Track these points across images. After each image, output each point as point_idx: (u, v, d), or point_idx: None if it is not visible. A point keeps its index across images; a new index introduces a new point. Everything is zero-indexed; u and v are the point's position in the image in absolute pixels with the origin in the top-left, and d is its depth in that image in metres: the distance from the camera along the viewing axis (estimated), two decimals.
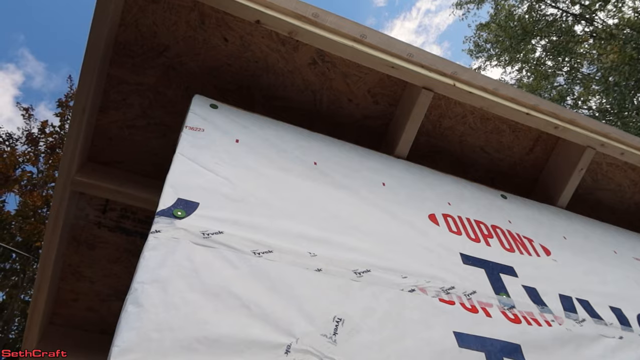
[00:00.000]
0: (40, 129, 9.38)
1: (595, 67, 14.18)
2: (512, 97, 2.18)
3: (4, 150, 8.69)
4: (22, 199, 8.33)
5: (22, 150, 8.97)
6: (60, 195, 2.00)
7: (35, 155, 9.07)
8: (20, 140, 9.07)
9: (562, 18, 15.47)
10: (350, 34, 1.97)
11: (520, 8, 16.06)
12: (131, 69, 2.02)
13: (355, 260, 1.43)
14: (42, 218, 8.53)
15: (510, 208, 2.14)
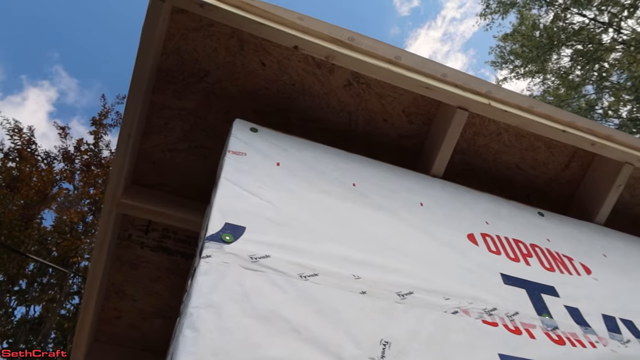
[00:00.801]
0: (76, 146, 9.71)
1: (625, 75, 13.91)
2: (548, 114, 2.18)
3: (43, 169, 9.01)
4: (59, 215, 8.61)
5: (59, 168, 9.32)
6: (107, 217, 2.07)
7: (71, 172, 9.38)
8: (57, 158, 9.42)
9: (589, 26, 15.25)
10: (385, 56, 2.01)
11: (544, 18, 15.91)
12: (173, 94, 2.10)
13: (398, 282, 1.45)
14: (78, 234, 8.79)
15: (548, 226, 2.13)
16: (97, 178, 9.43)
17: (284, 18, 1.91)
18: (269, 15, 1.90)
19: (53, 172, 9.15)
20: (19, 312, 8.60)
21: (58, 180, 9.21)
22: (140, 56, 1.86)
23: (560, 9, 15.59)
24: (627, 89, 12.69)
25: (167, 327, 2.53)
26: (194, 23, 1.97)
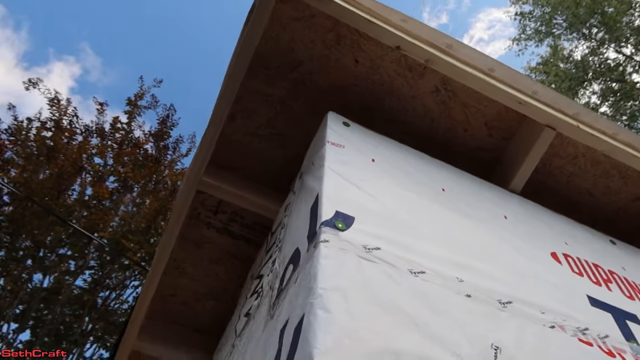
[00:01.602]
0: (112, 124, 9.82)
1: None
2: (630, 142, 2.17)
3: (80, 141, 9.11)
4: (93, 188, 8.69)
5: (94, 143, 9.40)
6: (187, 194, 2.10)
7: (105, 148, 9.47)
8: (94, 133, 9.52)
9: (624, 63, 15.17)
10: (479, 66, 2.01)
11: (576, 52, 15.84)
12: (264, 80, 2.12)
13: (497, 290, 1.45)
14: (106, 209, 8.87)
15: (621, 255, 2.12)
16: (126, 156, 9.52)
17: (387, 18, 1.93)
18: (374, 13, 1.91)
19: (90, 145, 9.25)
20: (36, 278, 8.70)
21: (93, 155, 9.30)
22: (246, 41, 1.89)
23: (597, 43, 15.53)
24: None
25: (219, 310, 2.54)
26: (296, 13, 1.99)
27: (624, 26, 14.81)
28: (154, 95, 10.78)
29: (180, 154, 10.98)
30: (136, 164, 9.70)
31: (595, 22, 15.29)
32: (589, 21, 15.26)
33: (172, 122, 10.91)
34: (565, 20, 15.87)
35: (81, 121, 9.45)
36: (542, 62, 16.48)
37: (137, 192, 9.74)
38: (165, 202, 9.52)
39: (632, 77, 14.87)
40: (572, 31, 15.90)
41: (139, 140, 10.17)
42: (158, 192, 9.85)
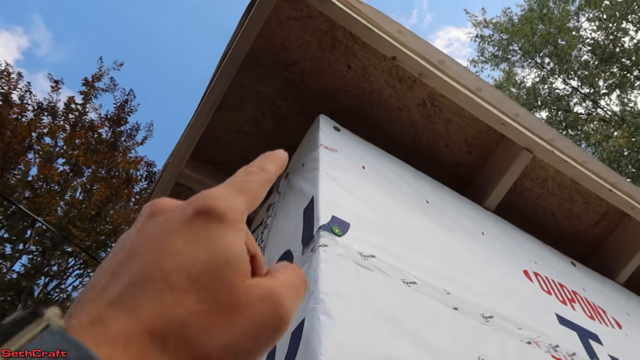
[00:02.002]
0: (66, 104, 9.31)
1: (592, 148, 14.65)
2: (597, 171, 2.30)
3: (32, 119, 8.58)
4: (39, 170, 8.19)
5: (46, 122, 8.88)
6: (166, 184, 2.03)
7: (57, 128, 8.97)
8: (46, 111, 8.98)
9: (571, 95, 16.04)
10: (468, 85, 2.07)
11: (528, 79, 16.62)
12: (255, 76, 2.09)
13: (480, 304, 1.49)
14: (54, 192, 8.37)
15: (581, 276, 2.23)
16: (78, 139, 9.06)
17: (385, 28, 1.95)
18: (372, 21, 1.93)
19: (41, 124, 8.74)
20: None
21: (44, 134, 8.78)
22: (242, 37, 1.86)
23: (548, 72, 16.36)
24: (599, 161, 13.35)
25: None
26: (294, 12, 1.97)
27: (573, 59, 15.68)
28: (112, 78, 10.37)
29: (135, 142, 10.61)
30: (89, 147, 9.28)
31: (547, 53, 16.10)
32: (542, 51, 16.06)
33: (131, 108, 10.54)
34: (520, 48, 16.62)
35: (34, 98, 8.94)
36: (496, 85, 17.16)
37: (88, 177, 9.31)
38: (117, 190, 9.15)
39: (576, 108, 15.75)
40: (526, 59, 16.67)
41: (94, 124, 9.74)
42: (110, 179, 9.46)
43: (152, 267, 0.31)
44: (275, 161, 0.45)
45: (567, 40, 15.19)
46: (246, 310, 0.32)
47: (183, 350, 0.29)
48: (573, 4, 15.61)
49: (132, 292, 0.30)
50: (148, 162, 10.63)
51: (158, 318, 0.29)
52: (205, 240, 0.32)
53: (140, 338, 0.28)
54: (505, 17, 16.95)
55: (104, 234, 8.78)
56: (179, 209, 0.35)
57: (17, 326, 0.27)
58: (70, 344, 0.26)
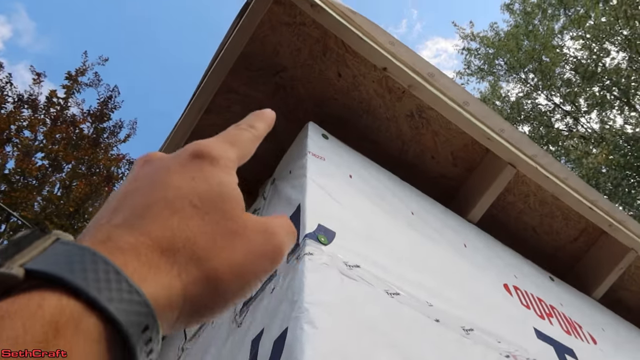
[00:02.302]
0: (48, 97, 9.13)
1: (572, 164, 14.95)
2: (578, 189, 2.35)
3: (11, 111, 8.36)
4: (17, 163, 7.98)
5: (27, 115, 8.67)
6: None
7: (37, 122, 8.77)
8: (26, 103, 8.78)
9: (553, 111, 16.35)
10: (456, 99, 2.10)
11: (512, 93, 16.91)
12: (245, 80, 2.08)
13: (461, 316, 1.50)
14: (32, 187, 8.18)
15: (559, 291, 2.27)
16: (59, 134, 8.87)
17: (377, 39, 1.96)
18: (365, 32, 1.95)
19: (22, 117, 8.54)
20: None
21: (23, 127, 8.59)
22: (235, 39, 1.85)
23: (531, 88, 16.66)
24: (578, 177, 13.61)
25: None
26: (288, 18, 1.97)
27: (556, 76, 16.00)
28: (97, 73, 10.23)
29: (118, 140, 10.47)
30: (69, 143, 9.12)
31: (532, 68, 16.41)
32: (526, 66, 16.36)
33: (114, 105, 10.39)
34: (505, 63, 16.91)
35: (15, 89, 8.75)
36: (481, 98, 17.42)
37: (67, 173, 9.14)
38: (97, 188, 9.00)
39: (558, 124, 16.07)
40: (511, 73, 16.97)
41: (75, 119, 9.58)
42: (90, 176, 9.30)
43: (154, 198, 0.32)
44: (264, 120, 0.48)
45: (551, 57, 15.50)
46: (246, 238, 0.34)
47: (192, 264, 0.30)
48: (557, 23, 15.95)
49: (137, 217, 0.31)
50: (130, 160, 10.49)
51: (166, 234, 0.30)
52: (202, 177, 0.34)
53: (149, 250, 0.29)
54: (492, 32, 17.24)
55: (81, 232, 8.53)
56: (172, 155, 0.38)
57: (26, 240, 0.27)
58: (84, 250, 0.27)
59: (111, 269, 0.26)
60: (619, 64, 13.98)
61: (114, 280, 0.26)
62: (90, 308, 0.24)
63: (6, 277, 0.24)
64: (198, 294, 0.30)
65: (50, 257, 0.26)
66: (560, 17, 15.78)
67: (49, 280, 0.25)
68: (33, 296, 0.24)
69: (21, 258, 0.25)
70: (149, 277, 0.28)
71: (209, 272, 0.31)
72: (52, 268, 0.25)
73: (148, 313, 0.26)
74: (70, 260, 0.26)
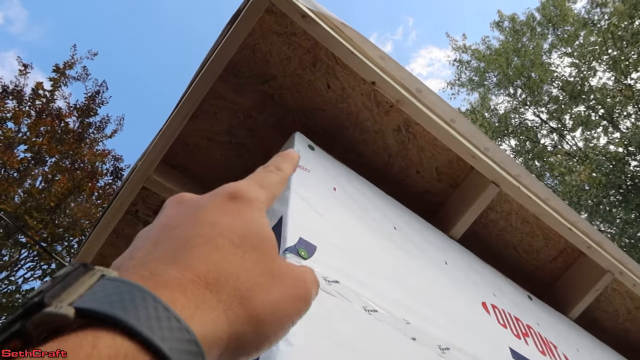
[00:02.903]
0: (34, 89, 8.98)
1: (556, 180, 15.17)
2: (558, 210, 2.37)
3: None
4: None
5: (11, 106, 8.52)
6: (131, 189, 1.98)
7: (22, 114, 8.62)
8: (11, 94, 8.63)
9: (539, 127, 16.58)
10: (442, 116, 2.12)
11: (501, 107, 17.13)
12: (233, 87, 2.08)
13: (438, 335, 1.51)
14: (12, 179, 8.02)
15: (536, 310, 2.29)
16: (44, 127, 8.73)
17: (367, 53, 1.97)
18: (355, 45, 1.95)
19: (5, 108, 8.38)
20: None
21: (6, 119, 8.43)
22: (225, 45, 1.84)
23: (519, 103, 16.89)
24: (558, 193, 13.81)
25: None
26: (279, 27, 1.97)
27: (543, 92, 16.25)
28: (85, 67, 10.12)
29: (104, 135, 10.35)
30: (54, 136, 8.99)
31: (520, 84, 16.64)
32: (515, 81, 16.58)
33: (102, 100, 10.29)
34: (495, 77, 17.14)
35: (0, 80, 8.61)
36: (471, 109, 17.60)
37: (50, 166, 9.00)
38: (80, 183, 8.88)
39: (544, 140, 16.30)
40: (500, 87, 17.19)
41: (61, 112, 9.45)
42: (74, 171, 9.17)
43: (195, 234, 0.32)
44: (290, 162, 0.49)
45: (540, 74, 15.75)
46: (282, 280, 0.34)
47: (236, 301, 0.30)
48: (546, 41, 16.20)
49: (179, 252, 0.31)
50: (116, 156, 10.39)
51: (211, 269, 0.30)
52: (240, 217, 0.35)
53: (195, 285, 0.29)
54: (484, 45, 17.47)
55: (62, 227, 8.48)
56: (206, 195, 0.38)
57: (71, 277, 0.26)
58: (132, 287, 0.26)
59: (160, 306, 0.26)
60: (604, 84, 14.24)
61: (164, 318, 0.25)
62: (145, 348, 0.24)
63: (56, 317, 0.24)
64: (242, 334, 0.30)
65: (98, 294, 0.25)
66: (549, 36, 16.04)
67: (100, 319, 0.24)
68: (87, 336, 0.23)
69: (68, 296, 0.25)
70: (197, 314, 0.28)
71: (251, 311, 0.31)
72: (103, 307, 0.24)
73: (198, 352, 0.26)
74: (120, 299, 0.25)
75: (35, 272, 8.64)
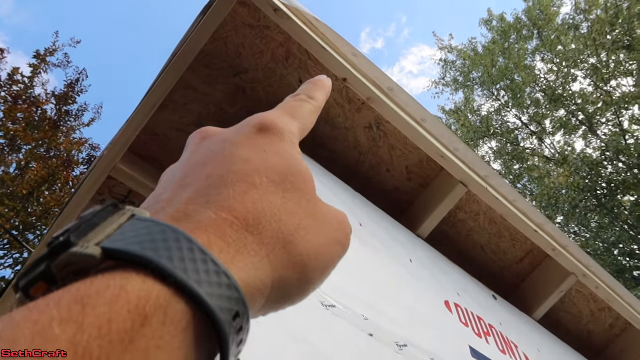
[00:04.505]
0: (10, 74, 8.78)
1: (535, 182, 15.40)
2: (525, 212, 2.41)
3: None
4: None
5: None
6: (97, 177, 1.95)
7: None
8: None
9: (520, 130, 16.80)
10: (413, 115, 2.13)
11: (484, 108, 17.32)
12: (204, 78, 2.06)
13: (396, 332, 1.52)
14: None
15: (500, 310, 2.32)
16: (20, 113, 8.55)
17: (340, 49, 1.97)
18: (328, 41, 1.95)
19: None
20: None
21: None
22: (196, 37, 1.83)
23: (502, 105, 17.09)
24: (535, 195, 14.02)
25: None
26: (252, 20, 1.96)
27: (526, 96, 16.45)
28: (67, 54, 9.94)
29: (81, 123, 10.18)
30: (30, 123, 8.82)
31: (503, 86, 16.83)
32: (499, 83, 16.77)
33: (81, 88, 10.11)
34: (480, 78, 17.30)
35: None
36: (454, 109, 17.75)
37: (25, 154, 8.83)
38: (55, 171, 8.73)
39: (524, 142, 16.52)
40: (484, 89, 17.36)
41: (39, 99, 9.27)
42: (49, 159, 9.01)
43: (227, 171, 0.29)
44: (323, 89, 0.45)
45: (523, 77, 15.94)
46: (325, 223, 0.32)
47: (279, 245, 0.28)
48: (531, 44, 16.40)
49: (212, 191, 0.28)
50: (93, 145, 10.25)
51: (250, 210, 0.27)
52: (273, 151, 0.32)
53: (234, 227, 0.26)
54: (470, 46, 17.61)
55: (35, 216, 8.33)
56: (233, 128, 0.35)
57: (100, 217, 0.24)
58: (165, 227, 0.24)
59: (196, 247, 0.23)
60: (584, 90, 14.48)
61: (201, 261, 0.23)
62: (179, 293, 0.22)
63: (82, 257, 0.21)
64: (286, 279, 0.28)
65: (128, 235, 0.23)
66: (534, 39, 16.23)
67: (129, 261, 0.22)
68: (115, 278, 0.21)
69: (96, 236, 0.23)
70: (237, 259, 0.25)
71: (296, 255, 0.29)
72: (133, 247, 0.22)
73: (239, 299, 0.24)
74: (152, 239, 0.22)
75: (6, 261, 8.49)
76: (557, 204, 12.53)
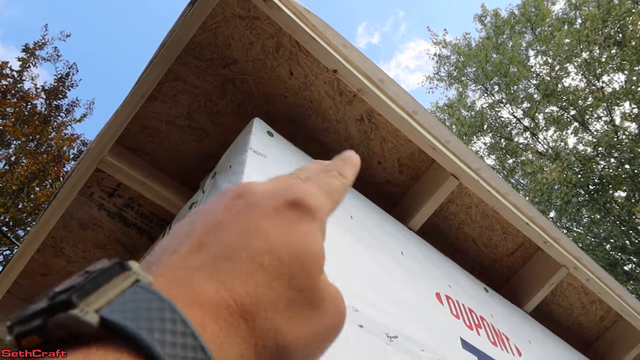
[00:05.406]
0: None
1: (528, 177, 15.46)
2: (517, 204, 2.41)
3: None
4: None
5: None
6: (85, 169, 1.93)
7: None
8: None
9: (514, 125, 16.86)
10: (405, 107, 2.12)
11: (477, 103, 17.36)
12: (193, 70, 2.03)
13: (386, 323, 1.51)
14: None
15: (491, 302, 2.32)
16: (9, 108, 8.44)
17: (330, 41, 1.95)
18: (318, 32, 1.93)
19: None
20: None
21: None
22: (184, 27, 1.81)
23: (495, 100, 17.13)
24: (528, 190, 14.08)
25: None
26: (241, 11, 1.94)
27: (520, 90, 16.49)
28: (57, 47, 9.83)
29: (73, 118, 10.08)
30: (19, 118, 8.71)
31: (497, 81, 16.86)
32: (492, 78, 16.79)
33: (72, 82, 10.01)
34: (474, 73, 17.33)
35: None
36: (448, 104, 17.77)
37: (15, 149, 8.73)
38: (45, 167, 8.64)
39: (517, 137, 16.58)
40: (478, 84, 17.39)
41: (28, 93, 9.16)
42: (39, 155, 8.92)
43: (243, 244, 0.30)
44: (352, 167, 0.45)
45: (517, 72, 15.97)
46: (324, 309, 0.33)
47: (270, 335, 0.28)
48: (524, 39, 16.43)
49: (222, 264, 0.29)
50: (84, 141, 10.15)
51: (251, 294, 0.28)
52: (297, 232, 0.32)
53: (230, 311, 0.27)
54: (465, 41, 17.63)
55: (25, 212, 8.25)
56: (268, 195, 0.35)
57: (104, 277, 0.25)
58: (164, 303, 0.24)
59: (189, 332, 0.24)
60: (577, 86, 14.54)
61: (190, 348, 0.24)
62: None
63: (79, 322, 0.22)
64: None
65: (128, 305, 0.24)
66: (527, 34, 16.27)
67: (122, 335, 0.23)
68: (107, 356, 0.22)
69: (97, 300, 0.24)
70: (224, 346, 0.26)
71: (285, 346, 0.29)
72: (129, 323, 0.23)
73: None
74: (149, 317, 0.23)
75: None
76: (550, 199, 12.60)
